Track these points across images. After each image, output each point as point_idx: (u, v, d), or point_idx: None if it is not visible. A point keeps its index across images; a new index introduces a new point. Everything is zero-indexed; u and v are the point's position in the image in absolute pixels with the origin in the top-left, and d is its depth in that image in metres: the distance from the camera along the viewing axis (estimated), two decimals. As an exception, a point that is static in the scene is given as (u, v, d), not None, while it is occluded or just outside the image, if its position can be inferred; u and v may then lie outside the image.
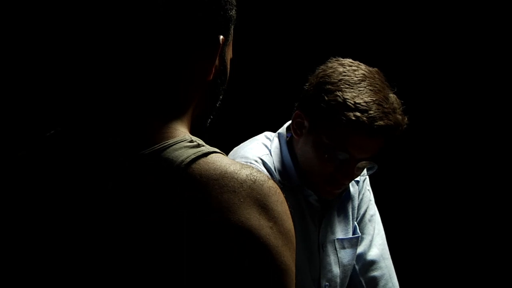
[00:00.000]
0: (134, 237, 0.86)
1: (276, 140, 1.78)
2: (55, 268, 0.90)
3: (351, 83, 1.62)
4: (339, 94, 1.61)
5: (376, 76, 1.67)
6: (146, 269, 0.85)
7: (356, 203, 1.85)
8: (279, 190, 0.90)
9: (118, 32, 0.95)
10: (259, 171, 0.90)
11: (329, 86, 1.63)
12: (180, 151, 0.89)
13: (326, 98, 1.62)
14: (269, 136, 1.81)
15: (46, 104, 2.49)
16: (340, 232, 1.81)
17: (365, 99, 1.60)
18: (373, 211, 1.89)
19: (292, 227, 0.90)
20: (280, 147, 1.75)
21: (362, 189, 1.87)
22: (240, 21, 1.05)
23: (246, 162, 1.68)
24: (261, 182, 0.88)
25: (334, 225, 1.80)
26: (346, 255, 1.81)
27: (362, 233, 1.86)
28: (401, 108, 1.66)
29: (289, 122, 1.80)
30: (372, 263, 1.85)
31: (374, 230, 1.88)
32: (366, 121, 1.58)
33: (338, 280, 1.80)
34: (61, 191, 0.92)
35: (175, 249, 0.84)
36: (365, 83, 1.62)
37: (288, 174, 1.72)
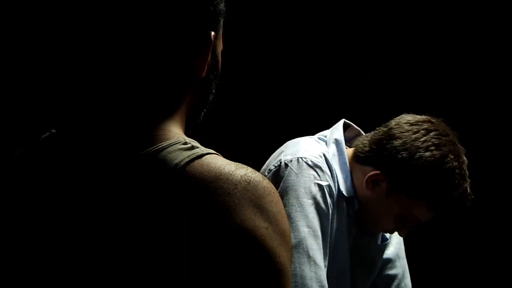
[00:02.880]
0: (133, 237, 0.86)
1: (333, 147, 1.77)
2: (55, 269, 0.90)
3: (446, 173, 1.65)
4: (434, 185, 1.65)
5: (460, 150, 1.70)
6: (145, 269, 0.85)
7: None
8: (274, 190, 0.90)
9: (111, 34, 0.94)
10: (254, 171, 0.90)
11: (427, 175, 1.65)
12: (174, 154, 0.88)
13: (421, 185, 1.66)
14: (322, 138, 1.81)
15: (46, 104, 2.50)
16: (374, 238, 1.83)
17: (458, 191, 1.66)
18: None
19: (288, 227, 0.90)
20: (338, 156, 1.76)
21: None
22: (240, 21, 1.04)
23: (311, 155, 1.68)
24: (255, 183, 0.88)
25: (367, 230, 1.81)
26: (378, 260, 1.84)
27: None
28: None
29: (341, 123, 1.81)
30: (388, 262, 1.87)
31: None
32: (455, 209, 1.68)
33: (368, 285, 1.83)
34: (61, 190, 0.92)
35: (173, 251, 0.84)
36: (457, 169, 1.66)
37: (345, 183, 1.72)
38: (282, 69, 2.99)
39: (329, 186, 1.65)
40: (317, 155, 1.69)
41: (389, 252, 1.87)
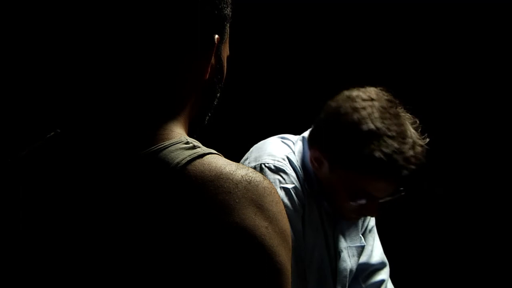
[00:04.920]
0: (134, 236, 0.86)
1: (299, 144, 1.77)
2: (54, 268, 0.91)
3: (368, 135, 1.60)
4: (359, 149, 1.60)
5: (391, 111, 1.64)
6: (145, 268, 0.85)
7: None
8: (274, 190, 0.90)
9: (115, 34, 0.95)
10: (255, 171, 0.91)
11: (348, 140, 1.61)
12: (175, 153, 0.89)
13: (346, 151, 1.62)
14: (289, 138, 1.80)
15: (46, 105, 2.50)
16: (350, 240, 1.83)
17: (392, 148, 1.59)
18: (373, 223, 1.92)
19: (288, 226, 0.90)
20: (303, 153, 1.74)
21: None
22: (241, 22, 1.04)
23: (274, 160, 1.67)
24: (256, 182, 0.88)
25: (345, 232, 1.81)
26: (354, 262, 1.83)
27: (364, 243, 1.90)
28: (420, 137, 1.66)
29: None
30: (374, 271, 1.88)
31: (374, 241, 1.91)
32: (395, 173, 1.61)
33: (347, 285, 1.83)
34: (61, 191, 0.92)
35: (173, 249, 0.84)
36: (382, 130, 1.60)
37: (310, 180, 1.72)
38: (282, 69, 2.99)
39: (295, 188, 1.65)
40: (280, 159, 1.68)
41: (374, 260, 1.88)
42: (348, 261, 1.80)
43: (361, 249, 1.85)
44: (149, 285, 0.85)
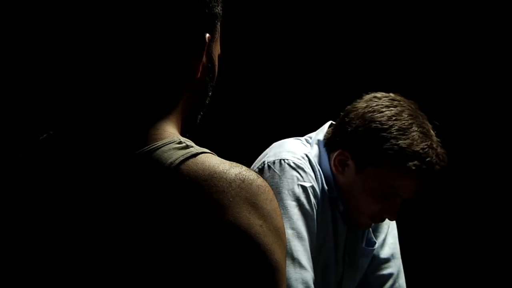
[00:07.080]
0: (129, 236, 0.86)
1: (316, 147, 1.77)
2: (52, 269, 0.91)
3: (403, 129, 1.63)
4: (394, 142, 1.62)
5: (418, 112, 1.68)
6: (141, 266, 0.85)
7: None
8: (268, 188, 0.90)
9: (107, 34, 0.95)
10: (249, 169, 0.91)
11: (383, 134, 1.63)
12: (169, 153, 0.89)
13: (381, 146, 1.63)
14: (304, 140, 1.81)
15: (41, 105, 2.50)
16: (360, 240, 1.82)
17: (421, 145, 1.62)
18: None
19: (282, 224, 0.91)
20: (320, 156, 1.75)
21: None
22: (241, 23, 1.04)
23: (293, 157, 1.68)
24: (250, 181, 0.88)
25: (359, 234, 1.81)
26: (364, 263, 1.83)
27: (375, 231, 1.87)
28: (438, 139, 1.69)
29: (326, 125, 1.81)
30: (383, 262, 1.87)
31: (388, 229, 1.90)
32: (426, 169, 1.62)
33: (354, 286, 1.83)
34: (57, 192, 0.93)
35: (168, 249, 0.84)
36: (415, 126, 1.64)
37: (328, 183, 1.72)
38: (275, 68, 2.99)
39: (312, 187, 1.65)
40: (300, 157, 1.68)
41: (384, 252, 1.86)
42: (356, 262, 1.80)
43: (372, 251, 1.84)
44: (144, 284, 0.85)
